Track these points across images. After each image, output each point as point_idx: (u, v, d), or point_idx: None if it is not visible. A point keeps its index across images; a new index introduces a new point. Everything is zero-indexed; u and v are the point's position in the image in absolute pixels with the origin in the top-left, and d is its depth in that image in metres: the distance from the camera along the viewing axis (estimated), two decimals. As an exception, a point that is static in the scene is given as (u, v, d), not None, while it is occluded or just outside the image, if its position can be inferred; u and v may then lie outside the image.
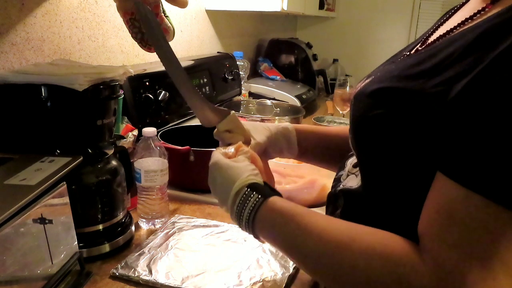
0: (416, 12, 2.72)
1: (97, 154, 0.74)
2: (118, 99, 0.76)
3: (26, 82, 0.65)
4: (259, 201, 0.53)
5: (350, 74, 2.66)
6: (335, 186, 0.65)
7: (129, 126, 0.96)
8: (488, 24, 0.44)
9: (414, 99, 0.45)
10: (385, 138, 0.48)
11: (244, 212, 0.54)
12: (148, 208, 0.86)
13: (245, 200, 0.54)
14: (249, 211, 0.53)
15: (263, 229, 0.54)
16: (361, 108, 0.53)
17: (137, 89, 1.09)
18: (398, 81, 0.49)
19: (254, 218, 0.53)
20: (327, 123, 1.57)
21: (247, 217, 0.53)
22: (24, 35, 0.87)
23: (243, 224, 0.54)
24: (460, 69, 0.42)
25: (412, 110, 0.45)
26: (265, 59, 2.20)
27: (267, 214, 0.53)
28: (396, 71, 0.52)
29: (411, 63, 0.50)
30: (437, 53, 0.48)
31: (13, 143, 0.68)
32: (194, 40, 1.60)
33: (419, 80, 0.46)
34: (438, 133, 0.42)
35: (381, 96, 0.50)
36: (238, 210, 0.54)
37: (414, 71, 0.48)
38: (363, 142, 0.54)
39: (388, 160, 0.49)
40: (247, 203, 0.53)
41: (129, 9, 0.82)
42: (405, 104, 0.46)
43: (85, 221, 0.72)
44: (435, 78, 0.44)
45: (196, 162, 1.01)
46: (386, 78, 0.52)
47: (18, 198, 0.51)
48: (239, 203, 0.54)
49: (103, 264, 0.72)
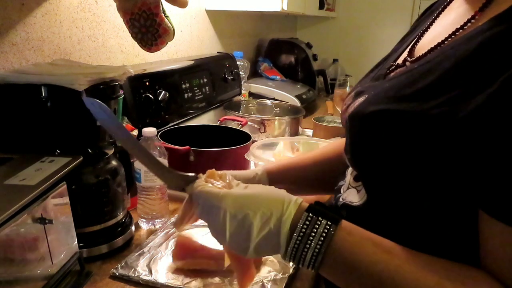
0: (416, 12, 2.72)
1: (97, 154, 0.74)
2: (118, 99, 0.76)
3: (26, 82, 0.65)
4: (331, 229, 0.44)
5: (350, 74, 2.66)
6: (336, 198, 0.62)
7: (129, 126, 0.96)
8: (482, 37, 0.42)
9: (415, 122, 0.43)
10: (388, 162, 0.46)
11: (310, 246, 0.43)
12: (148, 208, 0.86)
13: (310, 229, 0.43)
14: (319, 245, 0.43)
15: (335, 267, 0.44)
16: (359, 132, 0.51)
17: (137, 89, 1.09)
18: (395, 102, 0.47)
19: (325, 253, 0.43)
20: (327, 123, 1.57)
21: (315, 252, 0.43)
22: (24, 35, 0.87)
23: (307, 262, 0.44)
24: (464, 88, 0.41)
25: (414, 133, 0.43)
26: (265, 59, 2.20)
27: (342, 248, 0.44)
28: (391, 91, 0.49)
29: (405, 82, 0.48)
30: (432, 69, 0.46)
31: (13, 143, 0.68)
32: (194, 40, 1.60)
33: (417, 101, 0.44)
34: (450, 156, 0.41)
35: (379, 119, 0.47)
36: (297, 245, 0.44)
37: (410, 90, 0.46)
38: (365, 166, 0.51)
39: (393, 181, 0.47)
40: (314, 234, 0.43)
41: (129, 9, 0.82)
42: (406, 127, 0.44)
43: (85, 221, 0.72)
44: (436, 98, 0.43)
45: (196, 162, 1.01)
46: (382, 99, 0.49)
47: (18, 198, 0.50)
48: (300, 235, 0.44)
49: (103, 264, 0.72)
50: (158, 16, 0.81)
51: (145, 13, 0.81)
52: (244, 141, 1.10)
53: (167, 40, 0.85)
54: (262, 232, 0.45)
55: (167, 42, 0.85)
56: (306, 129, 1.66)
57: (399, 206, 0.48)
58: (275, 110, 1.65)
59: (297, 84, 2.12)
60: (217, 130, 1.25)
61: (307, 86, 2.12)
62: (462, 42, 0.45)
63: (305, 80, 2.25)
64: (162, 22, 0.82)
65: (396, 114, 0.45)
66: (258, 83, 1.94)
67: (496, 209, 0.38)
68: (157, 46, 0.85)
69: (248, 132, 1.19)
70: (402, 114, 0.45)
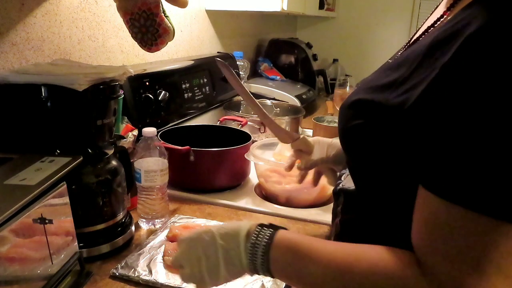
0: (416, 12, 2.72)
1: (97, 154, 0.74)
2: (118, 99, 0.76)
3: (26, 82, 0.65)
4: (272, 233, 0.52)
5: (350, 74, 2.66)
6: (337, 184, 0.67)
7: (129, 126, 0.96)
8: (438, 32, 0.45)
9: (380, 111, 0.48)
10: (365, 146, 0.51)
11: (258, 248, 0.52)
12: (148, 208, 0.86)
13: (257, 236, 0.52)
14: (264, 245, 0.51)
15: (277, 264, 0.52)
16: (343, 120, 0.56)
17: (137, 89, 1.09)
18: (370, 92, 0.51)
19: (269, 251, 0.51)
20: (327, 123, 1.57)
21: (263, 251, 0.51)
22: (24, 35, 0.87)
23: (258, 262, 0.52)
24: (416, 79, 0.44)
25: (380, 121, 0.48)
26: (265, 59, 2.20)
27: (279, 246, 0.51)
28: (371, 82, 0.54)
29: (382, 75, 0.52)
30: (401, 63, 0.49)
31: (13, 143, 0.68)
32: (194, 40, 1.60)
33: (385, 92, 0.48)
34: (403, 142, 0.45)
35: (357, 107, 0.52)
36: (251, 248, 0.52)
37: (382, 82, 0.50)
38: (349, 150, 0.56)
39: (374, 166, 0.51)
40: (260, 238, 0.52)
41: (129, 9, 0.82)
42: (374, 115, 0.49)
43: (85, 221, 0.72)
44: (397, 89, 0.46)
45: (196, 162, 1.01)
46: (362, 90, 0.54)
47: (18, 198, 0.50)
48: (252, 240, 0.52)
49: (103, 264, 0.72)
50: (158, 16, 0.81)
51: (145, 13, 0.81)
52: (244, 141, 1.10)
53: (167, 40, 0.85)
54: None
55: (167, 42, 0.85)
56: (306, 129, 1.66)
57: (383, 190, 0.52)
58: (275, 110, 1.65)
59: (297, 84, 2.12)
60: (217, 130, 1.25)
61: (307, 86, 2.12)
62: (425, 39, 0.49)
63: (305, 80, 2.24)
64: (162, 22, 0.82)
65: (367, 103, 0.50)
66: (258, 83, 1.93)
67: (431, 182, 0.41)
68: (157, 46, 0.85)
69: (248, 132, 1.19)
70: (371, 103, 0.49)
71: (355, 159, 0.56)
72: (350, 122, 0.53)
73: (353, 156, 0.56)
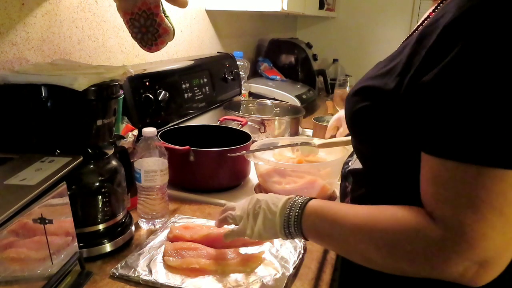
0: (416, 12, 2.72)
1: (97, 154, 0.74)
2: (118, 99, 0.76)
3: (26, 82, 0.65)
4: (305, 201, 0.64)
5: (350, 74, 2.66)
6: (344, 168, 0.80)
7: (129, 126, 0.96)
8: (423, 27, 0.55)
9: (381, 94, 0.58)
10: (371, 126, 0.60)
11: (292, 212, 0.63)
12: (148, 208, 0.86)
13: (293, 203, 0.64)
14: (298, 210, 0.63)
15: (309, 231, 0.63)
16: (350, 106, 0.65)
17: (137, 89, 1.09)
18: (371, 80, 0.61)
19: (302, 216, 0.62)
20: (327, 123, 1.56)
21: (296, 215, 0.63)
22: (24, 35, 0.87)
23: (292, 223, 0.63)
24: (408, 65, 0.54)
25: (382, 102, 0.57)
26: (265, 59, 2.20)
27: (310, 216, 0.62)
28: (372, 72, 0.64)
29: (382, 65, 0.62)
30: (396, 55, 0.60)
31: (13, 143, 0.68)
32: (194, 40, 1.60)
33: (384, 78, 0.58)
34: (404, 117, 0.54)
35: (361, 93, 0.62)
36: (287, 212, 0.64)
37: (381, 71, 0.60)
38: (356, 132, 0.66)
39: (380, 143, 0.60)
40: (295, 205, 0.64)
41: (129, 9, 0.82)
42: (377, 98, 0.59)
43: (85, 221, 0.72)
44: (393, 75, 0.57)
45: (196, 162, 1.01)
46: (365, 79, 0.64)
47: (18, 198, 0.50)
48: (288, 206, 0.64)
49: (103, 264, 0.72)
50: (158, 16, 0.81)
51: (145, 13, 0.81)
52: (244, 141, 1.10)
53: (167, 40, 0.85)
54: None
55: (167, 42, 0.85)
56: (306, 129, 1.66)
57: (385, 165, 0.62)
58: (275, 110, 1.65)
59: (297, 84, 2.12)
60: (217, 130, 1.25)
61: (307, 86, 2.12)
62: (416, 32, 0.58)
63: (305, 80, 2.24)
64: (162, 22, 0.82)
65: (370, 88, 0.60)
66: (258, 83, 1.93)
67: (429, 146, 0.50)
68: (157, 46, 0.85)
69: (248, 132, 1.19)
70: (374, 89, 0.59)
71: (363, 140, 0.65)
72: (356, 106, 0.62)
73: (360, 137, 0.65)
